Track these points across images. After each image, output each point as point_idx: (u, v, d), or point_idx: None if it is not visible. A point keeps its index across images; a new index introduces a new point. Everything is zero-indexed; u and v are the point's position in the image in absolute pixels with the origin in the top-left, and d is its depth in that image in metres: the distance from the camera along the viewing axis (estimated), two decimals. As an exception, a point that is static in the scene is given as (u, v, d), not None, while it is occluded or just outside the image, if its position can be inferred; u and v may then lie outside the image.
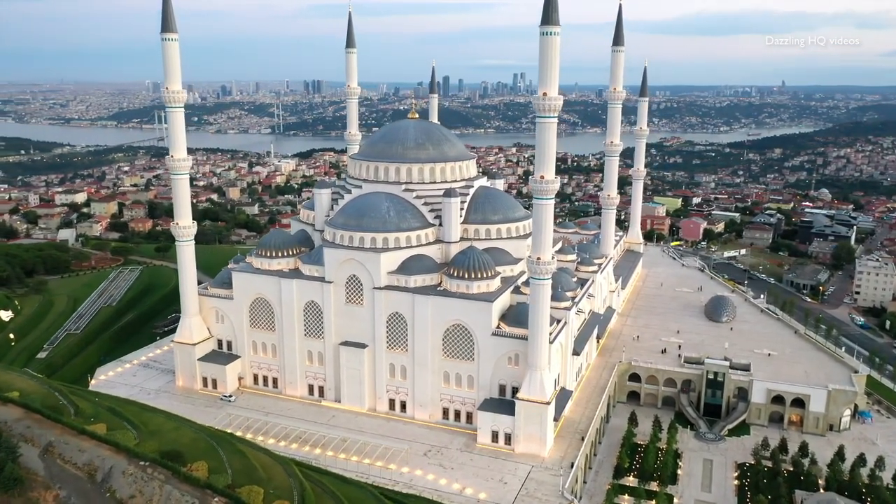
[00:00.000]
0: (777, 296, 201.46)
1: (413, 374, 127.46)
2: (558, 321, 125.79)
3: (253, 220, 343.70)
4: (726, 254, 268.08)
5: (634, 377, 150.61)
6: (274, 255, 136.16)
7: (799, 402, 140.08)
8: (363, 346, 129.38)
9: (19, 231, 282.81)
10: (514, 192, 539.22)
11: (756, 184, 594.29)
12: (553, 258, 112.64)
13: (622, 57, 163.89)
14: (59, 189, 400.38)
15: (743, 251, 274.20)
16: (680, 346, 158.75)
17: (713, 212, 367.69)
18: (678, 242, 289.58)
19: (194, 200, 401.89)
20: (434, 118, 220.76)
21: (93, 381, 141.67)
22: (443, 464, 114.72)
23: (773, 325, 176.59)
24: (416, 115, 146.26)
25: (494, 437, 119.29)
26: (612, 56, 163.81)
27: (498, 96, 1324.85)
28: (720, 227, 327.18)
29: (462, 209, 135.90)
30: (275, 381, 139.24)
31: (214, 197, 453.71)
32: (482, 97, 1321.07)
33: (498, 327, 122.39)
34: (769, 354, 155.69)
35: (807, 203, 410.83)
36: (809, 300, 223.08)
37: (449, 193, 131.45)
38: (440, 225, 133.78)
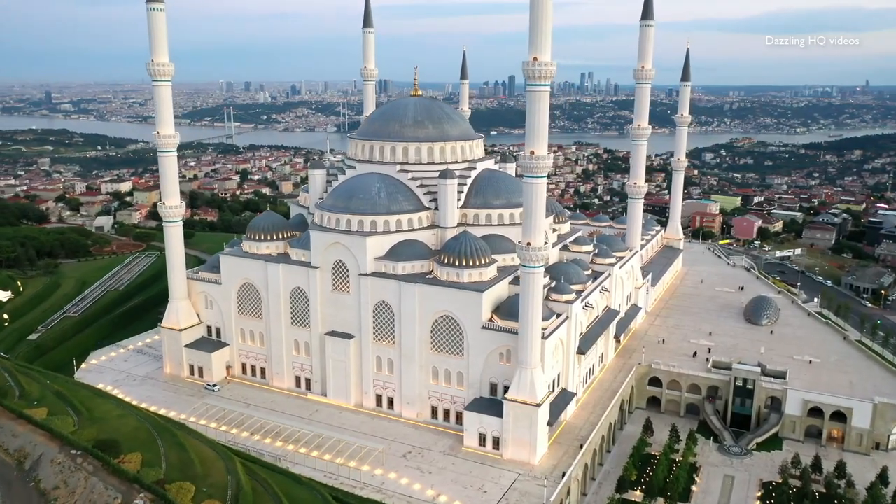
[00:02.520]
0: (832, 299, 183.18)
1: (400, 369, 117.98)
2: (558, 315, 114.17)
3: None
4: (779, 253, 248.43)
5: (655, 381, 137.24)
6: (262, 238, 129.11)
7: (840, 416, 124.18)
8: (349, 336, 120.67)
9: (50, 215, 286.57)
10: (572, 190, 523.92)
11: (833, 186, 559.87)
12: (546, 244, 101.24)
13: (651, 32, 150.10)
14: (106, 178, 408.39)
15: (798, 251, 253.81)
16: (710, 350, 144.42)
17: (773, 210, 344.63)
18: (727, 240, 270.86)
19: (237, 192, 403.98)
20: (464, 106, 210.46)
21: (83, 365, 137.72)
22: (421, 467, 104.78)
23: (819, 329, 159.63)
24: (420, 92, 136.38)
25: (482, 440, 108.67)
26: (640, 31, 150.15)
27: (564, 96, 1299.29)
28: (777, 225, 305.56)
29: (462, 192, 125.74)
30: (262, 371, 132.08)
31: (266, 190, 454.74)
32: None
33: (491, 320, 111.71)
34: (810, 361, 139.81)
35: (881, 204, 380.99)
36: (870, 305, 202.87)
37: (445, 174, 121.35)
38: (436, 209, 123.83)
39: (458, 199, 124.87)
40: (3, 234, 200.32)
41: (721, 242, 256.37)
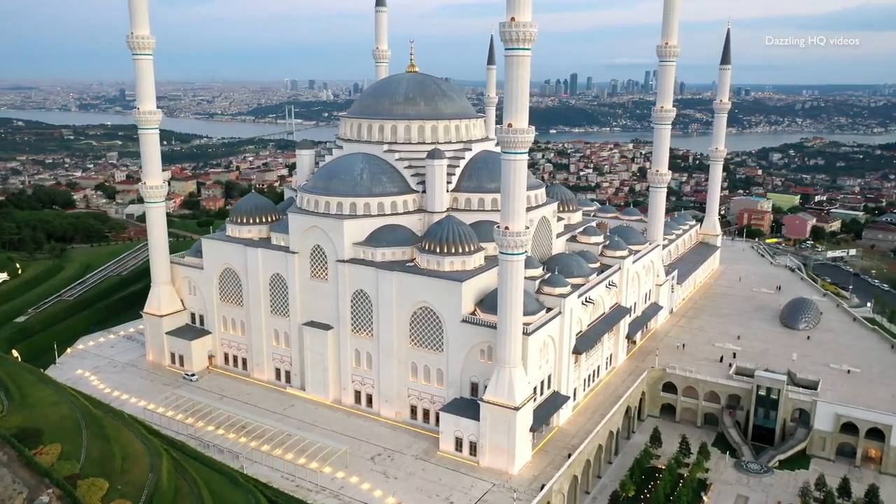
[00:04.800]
0: (885, 303, 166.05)
1: (378, 364, 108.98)
2: (548, 310, 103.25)
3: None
4: (831, 254, 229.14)
5: (669, 387, 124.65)
6: (245, 221, 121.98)
7: (877, 434, 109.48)
8: (328, 327, 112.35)
9: (79, 202, 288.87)
10: (626, 189, 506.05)
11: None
12: (527, 229, 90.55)
13: (678, 4, 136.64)
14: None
15: (853, 251, 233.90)
16: (735, 355, 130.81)
17: (832, 210, 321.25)
18: (775, 239, 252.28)
19: (275, 184, 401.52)
20: (492, 93, 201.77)
21: (68, 350, 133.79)
22: (388, 471, 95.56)
23: (865, 336, 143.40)
24: (416, 68, 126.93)
25: (458, 444, 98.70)
26: (664, 3, 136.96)
27: (627, 94, 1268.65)
28: (835, 225, 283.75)
29: (454, 174, 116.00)
30: (244, 361, 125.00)
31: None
32: (610, 95, 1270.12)
33: (473, 313, 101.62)
34: (848, 371, 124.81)
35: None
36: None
37: (433, 154, 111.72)
38: (424, 192, 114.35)
39: (450, 182, 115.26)
40: (18, 217, 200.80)
41: (769, 241, 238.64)
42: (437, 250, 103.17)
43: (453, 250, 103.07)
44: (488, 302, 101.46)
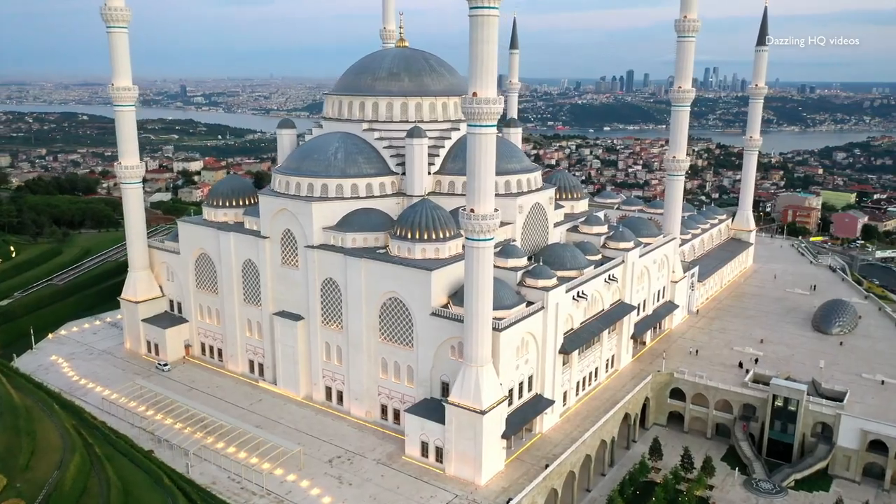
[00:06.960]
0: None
1: (348, 359, 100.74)
2: (529, 304, 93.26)
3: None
4: (881, 253, 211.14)
5: (678, 394, 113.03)
6: (220, 204, 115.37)
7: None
8: (298, 317, 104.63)
9: (100, 188, 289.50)
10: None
11: None
12: (497, 211, 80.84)
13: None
14: (179, 157, 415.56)
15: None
16: (756, 360, 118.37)
17: (889, 208, 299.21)
18: (820, 237, 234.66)
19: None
20: (514, 78, 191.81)
21: (50, 336, 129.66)
22: (343, 476, 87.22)
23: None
24: (406, 43, 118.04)
25: (424, 449, 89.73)
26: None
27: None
28: (890, 224, 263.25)
29: (438, 156, 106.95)
30: (219, 352, 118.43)
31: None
32: (667, 92, 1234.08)
33: (446, 306, 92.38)
34: (882, 382, 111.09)
35: None
36: None
37: (412, 133, 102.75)
38: (404, 174, 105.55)
39: (433, 164, 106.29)
40: (27, 201, 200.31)
41: (813, 239, 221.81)
42: (409, 236, 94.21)
43: (426, 236, 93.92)
44: (462, 294, 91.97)
